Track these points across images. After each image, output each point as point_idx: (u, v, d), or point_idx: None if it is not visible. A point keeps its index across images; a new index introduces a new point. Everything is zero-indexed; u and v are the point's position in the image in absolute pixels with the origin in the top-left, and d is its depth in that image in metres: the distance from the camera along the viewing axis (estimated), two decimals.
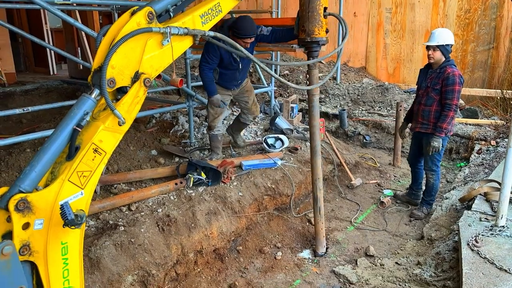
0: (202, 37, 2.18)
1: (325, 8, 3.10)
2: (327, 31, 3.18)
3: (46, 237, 1.62)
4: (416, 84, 4.38)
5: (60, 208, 1.59)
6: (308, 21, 3.09)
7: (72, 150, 1.70)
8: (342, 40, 3.11)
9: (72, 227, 1.58)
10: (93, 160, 1.74)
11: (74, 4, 5.84)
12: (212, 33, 2.24)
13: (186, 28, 2.08)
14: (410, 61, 8.32)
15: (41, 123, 5.25)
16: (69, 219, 1.54)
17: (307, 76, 3.30)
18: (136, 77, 1.89)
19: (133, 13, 1.92)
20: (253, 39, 3.88)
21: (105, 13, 7.33)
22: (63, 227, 1.58)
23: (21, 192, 1.55)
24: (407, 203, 4.64)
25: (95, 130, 1.76)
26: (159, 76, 2.12)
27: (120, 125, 1.82)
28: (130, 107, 1.87)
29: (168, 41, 1.99)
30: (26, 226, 1.56)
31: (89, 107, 1.77)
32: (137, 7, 1.96)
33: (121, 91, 1.90)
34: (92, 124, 1.80)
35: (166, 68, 2.18)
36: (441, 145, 3.99)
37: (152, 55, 1.96)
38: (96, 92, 1.81)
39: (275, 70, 7.85)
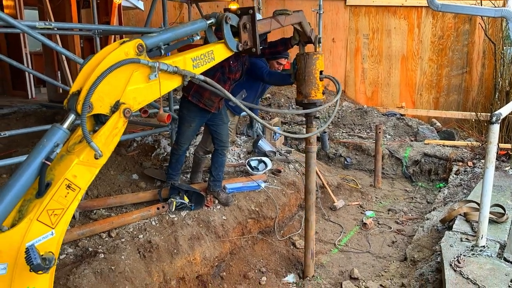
0: (192, 79, 2.18)
1: (321, 72, 3.20)
2: (323, 93, 3.28)
3: (10, 283, 1.49)
4: None
5: (25, 251, 1.47)
6: (305, 84, 3.20)
7: (42, 186, 1.58)
8: (336, 95, 3.24)
9: (39, 272, 1.46)
10: (65, 197, 1.63)
11: (55, 29, 5.82)
12: (202, 77, 2.24)
13: (176, 67, 2.06)
14: (387, 85, 8.57)
15: (19, 148, 5.11)
16: (34, 264, 1.42)
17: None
18: (116, 106, 1.82)
19: (123, 43, 1.90)
20: (286, 60, 4.10)
21: (87, 37, 7.31)
22: (30, 271, 1.46)
23: None
24: None
25: (69, 164, 1.64)
26: (145, 112, 2.09)
27: (96, 159, 1.72)
28: (108, 139, 1.78)
29: (155, 76, 1.95)
30: None
31: (60, 138, 1.67)
32: (128, 39, 1.94)
33: (99, 122, 1.82)
34: (66, 158, 1.69)
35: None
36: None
37: (136, 88, 1.91)
38: (70, 118, 1.72)
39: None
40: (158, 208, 3.60)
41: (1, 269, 1.48)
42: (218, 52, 2.40)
